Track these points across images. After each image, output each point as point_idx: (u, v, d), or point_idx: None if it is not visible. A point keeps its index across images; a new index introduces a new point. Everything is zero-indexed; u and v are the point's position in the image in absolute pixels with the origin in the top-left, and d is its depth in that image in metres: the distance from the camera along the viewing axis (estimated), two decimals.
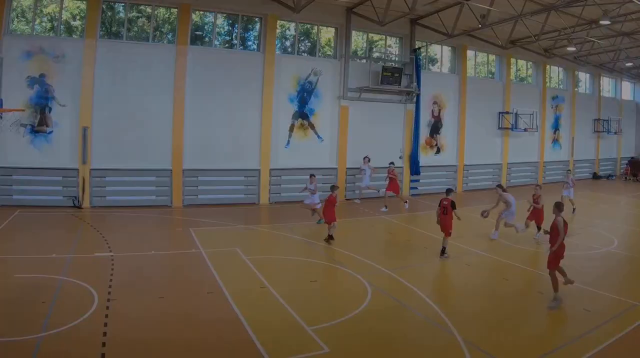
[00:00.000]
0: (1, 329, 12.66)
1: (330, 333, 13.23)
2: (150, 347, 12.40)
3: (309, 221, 28.43)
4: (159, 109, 31.26)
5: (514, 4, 32.07)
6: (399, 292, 16.95)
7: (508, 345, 12.78)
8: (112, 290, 15.97)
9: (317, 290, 17.30)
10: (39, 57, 28.86)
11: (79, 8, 31.08)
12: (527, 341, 13.13)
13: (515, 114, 44.70)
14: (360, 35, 39.14)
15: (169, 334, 13.16)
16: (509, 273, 19.26)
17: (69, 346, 12.07)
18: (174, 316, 14.28)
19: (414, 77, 38.58)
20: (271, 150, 34.26)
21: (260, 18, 34.44)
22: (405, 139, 39.51)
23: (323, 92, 35.98)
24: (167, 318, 14.15)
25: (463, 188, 43.03)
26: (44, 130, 29.15)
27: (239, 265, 19.55)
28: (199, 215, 28.73)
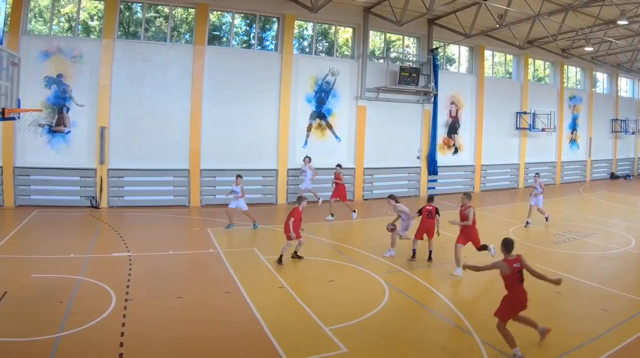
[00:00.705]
0: (19, 329, 12.69)
1: (348, 333, 13.14)
2: (168, 347, 12.36)
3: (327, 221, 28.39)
4: (176, 109, 31.16)
5: (532, 3, 31.78)
6: (416, 292, 16.87)
7: (526, 346, 12.54)
8: (129, 290, 15.93)
9: (334, 290, 17.03)
10: (57, 57, 28.79)
11: (96, 8, 30.95)
12: (545, 341, 12.91)
13: (533, 114, 44.33)
14: (378, 35, 38.86)
15: (187, 334, 13.05)
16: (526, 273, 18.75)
17: (86, 346, 12.01)
18: (192, 316, 14.18)
19: (432, 77, 38.33)
20: (289, 150, 34.06)
21: (277, 18, 34.24)
22: (422, 139, 39.24)
23: (341, 92, 35.75)
24: (185, 318, 14.05)
25: (481, 189, 42.77)
26: (61, 131, 29.07)
27: (256, 265, 19.51)
28: (217, 215, 28.45)
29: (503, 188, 43.78)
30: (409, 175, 38.92)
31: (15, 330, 12.65)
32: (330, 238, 24.38)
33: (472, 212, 19.11)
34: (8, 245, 20.75)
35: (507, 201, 38.02)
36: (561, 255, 21.88)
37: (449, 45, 40.90)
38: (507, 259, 12.82)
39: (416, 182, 39.16)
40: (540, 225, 28.02)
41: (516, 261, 12.86)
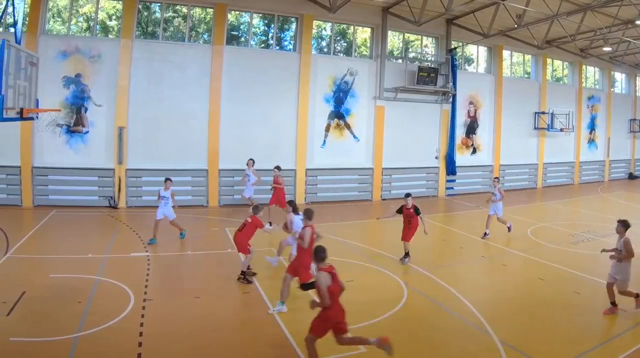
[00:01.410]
0: (37, 329, 12.69)
1: (366, 333, 12.52)
2: (186, 347, 12.32)
3: (344, 221, 28.26)
4: (194, 109, 31.08)
5: (550, 3, 31.46)
6: (435, 292, 16.68)
7: (544, 346, 12.62)
8: (148, 290, 15.93)
9: (353, 290, 16.16)
10: (75, 57, 28.75)
11: (114, 8, 30.92)
12: (564, 341, 12.93)
13: (551, 114, 43.86)
14: (396, 35, 38.63)
15: (206, 334, 13.05)
16: (544, 273, 18.91)
17: (105, 346, 11.99)
18: (210, 316, 14.16)
19: (450, 77, 38.13)
20: (307, 150, 33.90)
21: (296, 18, 34.08)
22: (441, 139, 39.00)
23: (359, 92, 35.54)
24: (203, 319, 13.98)
25: None
26: (79, 131, 28.99)
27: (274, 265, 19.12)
28: (235, 215, 28.34)
29: (521, 189, 43.36)
30: (427, 175, 38.66)
31: (34, 330, 12.62)
32: (350, 238, 24.03)
33: (308, 233, 15.30)
34: (26, 245, 20.73)
35: (526, 201, 37.67)
36: (579, 255, 21.68)
37: (468, 45, 40.64)
38: (322, 268, 11.52)
39: (434, 182, 38.91)
40: (559, 226, 27.77)
41: (331, 270, 11.57)
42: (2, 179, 28.41)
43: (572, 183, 48.17)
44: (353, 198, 35.09)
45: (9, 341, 11.99)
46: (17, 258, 18.90)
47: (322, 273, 11.21)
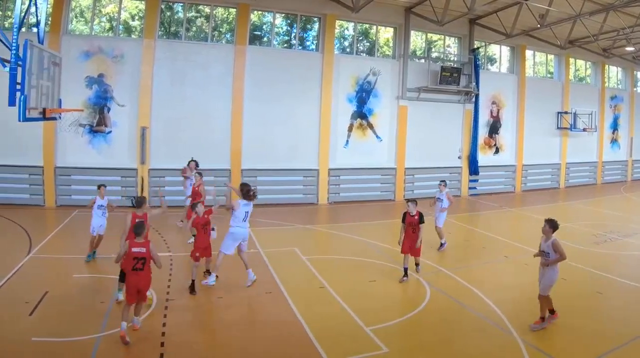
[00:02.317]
0: (60, 329, 12.68)
1: (389, 333, 13.13)
2: (209, 346, 12.46)
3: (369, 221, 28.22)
4: (217, 109, 30.97)
5: (573, 3, 31.11)
6: (457, 292, 16.57)
7: (566, 346, 12.67)
8: (170, 290, 15.92)
9: (375, 290, 16.81)
10: (98, 57, 28.72)
11: (137, 8, 30.81)
12: (586, 341, 12.91)
13: (574, 114, 43.51)
14: (419, 35, 38.33)
15: (228, 334, 13.14)
16: (567, 273, 18.39)
17: (127, 347, 11.94)
18: (233, 316, 14.18)
19: (473, 77, 37.85)
20: (330, 150, 33.70)
21: (319, 18, 33.87)
22: (464, 139, 38.72)
23: (382, 92, 35.28)
24: (225, 319, 14.11)
25: (522, 189, 42.04)
26: (102, 130, 28.97)
27: (297, 265, 19.36)
28: (258, 215, 27.96)
29: (544, 189, 43.14)
30: (450, 175, 38.02)
31: (57, 330, 12.59)
32: (373, 238, 23.78)
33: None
34: (49, 245, 20.75)
35: (548, 201, 37.46)
36: (602, 255, 21.55)
37: (490, 45, 40.28)
38: (133, 241, 12.68)
39: (457, 182, 38.61)
40: (581, 226, 27.42)
41: (141, 246, 12.58)
42: (25, 179, 28.41)
43: (595, 184, 47.67)
44: (376, 198, 34.85)
45: (31, 341, 11.98)
46: (40, 258, 18.90)
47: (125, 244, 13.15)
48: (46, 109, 16.06)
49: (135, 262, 12.48)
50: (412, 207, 17.63)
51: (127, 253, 12.56)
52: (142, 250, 12.55)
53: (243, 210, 16.37)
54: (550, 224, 13.85)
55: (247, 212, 16.53)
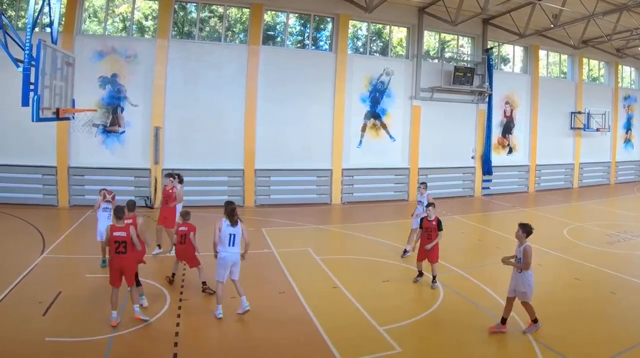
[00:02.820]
0: (73, 329, 12.65)
1: (402, 333, 13.11)
2: (222, 347, 12.40)
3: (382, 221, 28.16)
4: (230, 109, 30.89)
5: (586, 3, 30.87)
6: (471, 292, 16.49)
7: (580, 345, 12.57)
8: (184, 290, 15.92)
9: (389, 290, 16.75)
10: (111, 57, 28.71)
11: (150, 8, 30.80)
12: (599, 341, 12.87)
13: (588, 114, 43.31)
14: (433, 35, 38.24)
15: (241, 334, 13.13)
16: (581, 273, 18.77)
17: (140, 346, 12.08)
18: (246, 316, 13.98)
19: (486, 77, 37.70)
20: (343, 150, 33.59)
21: (332, 18, 33.74)
22: (477, 139, 38.55)
23: (395, 92, 35.13)
24: (239, 318, 13.89)
25: (535, 189, 41.85)
26: (115, 130, 28.95)
27: (310, 265, 19.27)
28: (271, 215, 28.52)
29: (558, 189, 42.97)
30: (463, 175, 38.26)
31: (70, 330, 12.57)
32: (386, 238, 23.69)
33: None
34: (62, 245, 20.74)
35: (562, 201, 37.32)
36: (616, 256, 21.42)
37: (504, 45, 40.13)
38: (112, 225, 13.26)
39: (471, 182, 38.49)
40: (595, 226, 27.40)
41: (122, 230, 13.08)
42: (39, 179, 28.44)
43: (608, 184, 47.42)
44: (389, 199, 34.72)
45: (44, 341, 11.95)
46: (53, 259, 18.85)
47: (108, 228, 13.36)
48: (59, 109, 16.04)
49: (117, 245, 12.97)
50: (432, 211, 17.06)
51: (109, 238, 13.05)
52: (123, 234, 12.99)
53: (226, 233, 13.80)
54: (523, 229, 13.60)
55: (232, 235, 13.85)
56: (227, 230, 13.73)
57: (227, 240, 13.79)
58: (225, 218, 13.83)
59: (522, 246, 13.34)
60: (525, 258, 13.12)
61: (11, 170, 28.02)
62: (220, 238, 13.77)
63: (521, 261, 13.25)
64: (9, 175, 28.08)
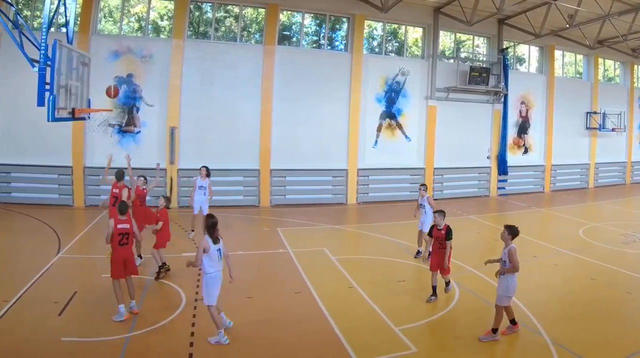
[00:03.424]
0: (89, 329, 12.72)
1: (418, 333, 13.14)
2: (237, 346, 12.27)
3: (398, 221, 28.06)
4: (246, 109, 30.84)
5: (602, 3, 30.72)
6: (486, 292, 16.20)
7: (595, 345, 12.51)
8: (199, 290, 15.46)
9: (405, 290, 16.72)
10: (127, 57, 28.74)
11: (166, 8, 30.78)
12: (615, 341, 12.82)
13: (603, 114, 43.03)
14: (448, 35, 38.12)
15: (257, 334, 13.03)
16: (596, 273, 18.65)
17: (156, 346, 12.07)
18: (262, 316, 14.11)
19: (502, 77, 37.51)
20: (359, 150, 33.51)
21: (348, 18, 33.63)
22: (492, 139, 38.40)
23: (411, 92, 35.03)
24: (254, 318, 13.95)
25: (551, 189, 41.66)
26: (131, 130, 28.98)
27: (326, 265, 19.24)
28: (287, 215, 28.49)
29: (573, 189, 42.78)
30: (479, 175, 38.14)
31: (86, 330, 12.63)
32: (402, 238, 23.60)
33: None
34: (78, 245, 20.78)
35: (577, 201, 37.09)
36: (631, 256, 21.33)
37: (519, 45, 40.01)
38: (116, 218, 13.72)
39: (486, 182, 38.33)
40: (610, 226, 27.20)
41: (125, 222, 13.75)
42: (54, 179, 28.50)
43: (624, 183, 47.12)
44: (405, 199, 34.31)
45: (60, 341, 11.99)
46: (69, 259, 18.90)
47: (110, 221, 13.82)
48: (75, 109, 16.01)
49: (121, 237, 13.53)
50: (440, 219, 15.95)
51: (113, 231, 13.45)
52: (126, 226, 13.70)
53: (214, 250, 12.55)
54: (509, 230, 13.31)
55: (219, 250, 12.74)
56: (214, 247, 12.48)
57: (216, 257, 12.59)
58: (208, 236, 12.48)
59: (507, 248, 13.09)
60: (512, 259, 12.84)
61: (27, 170, 28.12)
62: (210, 257, 12.43)
63: (506, 264, 12.96)
64: (25, 175, 28.21)
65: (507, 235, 13.23)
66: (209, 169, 23.10)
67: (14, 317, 13.23)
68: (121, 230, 13.50)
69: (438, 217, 16.00)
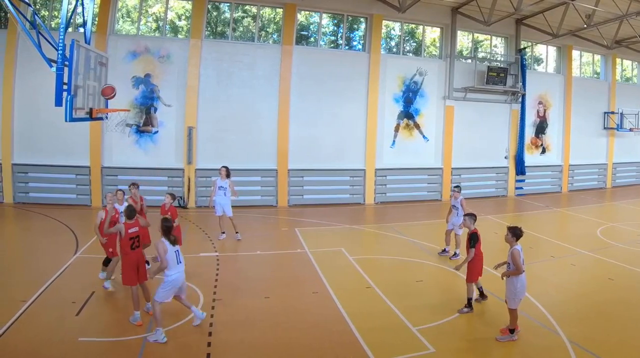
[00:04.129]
0: (107, 329, 12.89)
1: (436, 333, 13.08)
2: (255, 347, 12.28)
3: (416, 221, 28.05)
4: (264, 109, 30.79)
5: (619, 3, 30.38)
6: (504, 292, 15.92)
7: (613, 345, 12.46)
8: (217, 290, 15.92)
9: (422, 290, 16.70)
10: (145, 57, 28.76)
11: (184, 8, 30.72)
12: (633, 341, 12.74)
13: (621, 114, 42.63)
14: (466, 35, 37.82)
15: (274, 334, 12.99)
16: (614, 273, 18.49)
17: (174, 346, 12.07)
18: (279, 316, 14.08)
19: (519, 77, 37.25)
20: (376, 150, 33.38)
21: (365, 18, 33.49)
22: (510, 139, 38.14)
23: (428, 92, 34.86)
24: (272, 318, 13.93)
25: (568, 189, 41.35)
26: (149, 130, 28.95)
27: (344, 265, 19.16)
28: (304, 215, 28.45)
29: (591, 189, 42.46)
30: (496, 175, 37.89)
31: (104, 330, 12.76)
32: (419, 238, 23.54)
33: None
34: (96, 245, 20.38)
35: (595, 201, 36.84)
36: None
37: (537, 45, 39.65)
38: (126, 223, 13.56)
39: (504, 182, 38.09)
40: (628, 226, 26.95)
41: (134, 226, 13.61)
42: (72, 179, 28.50)
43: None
44: (422, 199, 34.47)
45: (78, 341, 12.01)
46: (87, 258, 18.86)
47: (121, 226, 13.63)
48: (93, 109, 16.01)
49: (132, 241, 13.44)
50: (469, 222, 15.29)
51: (124, 236, 13.38)
52: (136, 230, 13.63)
53: (172, 251, 12.70)
54: (512, 232, 13.12)
55: (177, 252, 12.90)
56: (172, 248, 12.63)
57: (175, 259, 12.72)
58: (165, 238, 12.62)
59: (510, 250, 12.92)
60: (513, 262, 12.69)
61: (45, 170, 28.22)
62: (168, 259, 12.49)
63: (511, 266, 12.82)
64: (42, 175, 28.30)
65: (511, 237, 13.09)
66: (229, 169, 22.79)
67: (32, 317, 13.20)
68: (132, 234, 13.47)
69: (468, 220, 15.40)
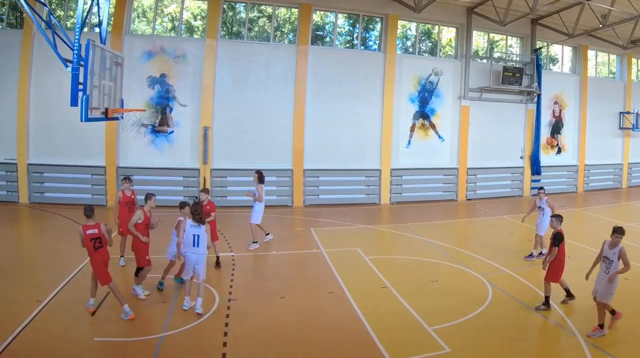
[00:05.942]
0: (123, 329, 12.85)
1: (451, 333, 13.06)
2: (270, 346, 12.31)
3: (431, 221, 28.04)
4: (279, 109, 30.69)
5: (635, 3, 30.07)
6: (520, 292, 16.33)
7: (629, 345, 12.55)
8: (232, 290, 15.98)
9: (438, 290, 16.64)
10: (160, 57, 28.73)
11: (199, 8, 30.68)
12: None
13: (636, 114, 42.35)
14: (481, 35, 37.64)
15: (290, 334, 13.03)
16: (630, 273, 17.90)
17: (190, 346, 12.10)
18: (295, 316, 14.13)
19: (535, 77, 37.01)
20: (392, 150, 33.24)
21: (381, 18, 33.32)
22: (526, 139, 37.93)
23: (444, 92, 34.70)
24: (287, 319, 13.97)
25: (584, 189, 41.10)
26: (164, 130, 28.92)
27: (359, 265, 19.16)
28: (320, 215, 28.40)
29: (606, 189, 42.19)
30: (512, 175, 37.71)
31: (120, 330, 12.76)
32: (435, 238, 23.48)
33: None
34: None
35: (611, 201, 36.65)
36: None
37: (552, 45, 39.46)
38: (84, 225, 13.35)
39: (519, 182, 37.89)
40: None
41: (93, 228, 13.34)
42: (87, 179, 28.53)
43: None
44: (438, 198, 34.38)
45: (93, 341, 12.17)
46: None
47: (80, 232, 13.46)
48: (108, 109, 15.97)
49: (94, 242, 13.27)
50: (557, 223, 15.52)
51: (84, 238, 13.24)
52: (95, 231, 13.33)
53: (190, 233, 14.06)
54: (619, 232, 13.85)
55: (196, 236, 14.01)
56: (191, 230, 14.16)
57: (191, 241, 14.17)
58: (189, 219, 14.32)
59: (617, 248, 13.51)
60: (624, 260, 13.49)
61: (60, 170, 28.26)
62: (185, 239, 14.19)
63: (616, 264, 13.22)
64: (58, 175, 28.36)
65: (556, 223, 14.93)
66: (261, 173, 21.57)
67: (48, 317, 13.24)
68: (92, 236, 13.31)
69: (555, 221, 15.63)
